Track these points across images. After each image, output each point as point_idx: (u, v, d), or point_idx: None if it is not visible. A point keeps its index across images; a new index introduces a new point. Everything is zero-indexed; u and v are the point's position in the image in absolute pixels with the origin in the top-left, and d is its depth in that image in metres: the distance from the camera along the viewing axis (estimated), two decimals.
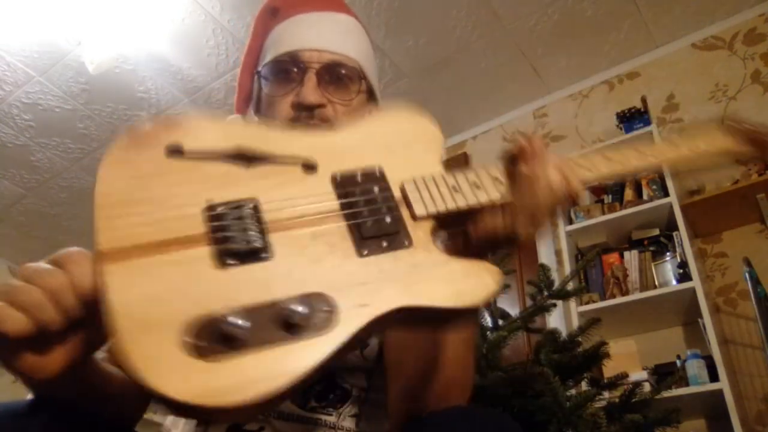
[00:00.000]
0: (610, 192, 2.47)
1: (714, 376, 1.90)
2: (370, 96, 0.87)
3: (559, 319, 2.24)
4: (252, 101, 0.88)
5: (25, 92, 2.97)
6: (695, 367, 1.95)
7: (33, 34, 2.66)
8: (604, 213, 2.39)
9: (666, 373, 2.01)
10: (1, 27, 2.63)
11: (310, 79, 0.77)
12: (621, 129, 2.54)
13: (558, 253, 2.54)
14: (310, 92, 0.76)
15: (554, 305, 1.44)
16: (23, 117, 3.11)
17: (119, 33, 2.62)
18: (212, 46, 2.74)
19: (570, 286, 1.45)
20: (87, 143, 3.29)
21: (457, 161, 3.20)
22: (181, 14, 2.58)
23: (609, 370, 1.71)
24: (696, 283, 2.02)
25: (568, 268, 2.28)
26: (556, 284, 1.45)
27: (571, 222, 2.44)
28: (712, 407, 1.92)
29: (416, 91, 3.01)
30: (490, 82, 2.98)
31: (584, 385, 1.45)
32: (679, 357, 2.09)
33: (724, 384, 1.84)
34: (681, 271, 2.13)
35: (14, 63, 2.81)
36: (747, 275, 1.93)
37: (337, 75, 0.80)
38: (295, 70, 0.79)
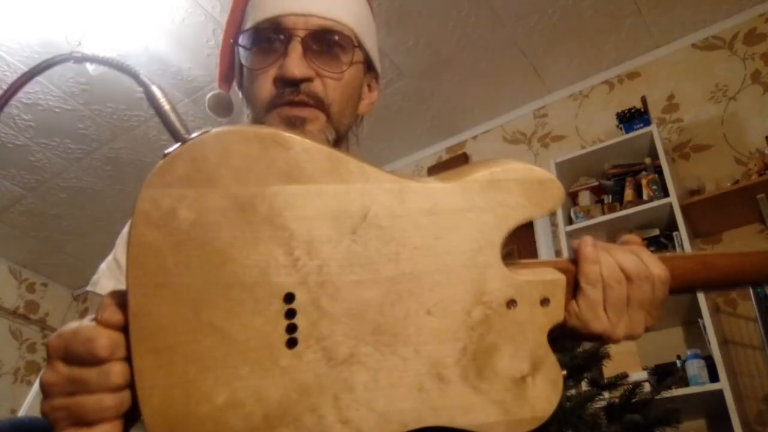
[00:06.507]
0: (610, 192, 2.47)
1: (714, 376, 1.89)
2: (369, 68, 0.77)
3: None
4: (235, 76, 0.79)
5: (25, 92, 2.97)
6: (695, 367, 1.95)
7: (33, 34, 2.66)
8: (604, 213, 2.39)
9: (666, 373, 2.01)
10: (1, 27, 2.63)
11: (295, 48, 0.67)
12: (621, 129, 2.54)
13: (558, 254, 2.54)
14: (295, 64, 0.66)
15: None
16: (23, 117, 3.11)
17: (119, 33, 2.62)
18: (212, 46, 2.74)
19: None
20: (87, 143, 3.29)
21: (457, 161, 3.19)
22: (181, 14, 2.58)
23: (609, 370, 1.71)
24: None
25: None
26: None
27: (571, 222, 2.43)
28: (712, 407, 1.92)
29: (416, 91, 3.01)
30: (490, 82, 2.98)
31: (584, 385, 1.45)
32: (679, 357, 2.09)
33: (724, 384, 1.83)
34: None
35: (14, 63, 2.81)
36: None
37: (326, 43, 0.69)
38: (279, 38, 0.68)
